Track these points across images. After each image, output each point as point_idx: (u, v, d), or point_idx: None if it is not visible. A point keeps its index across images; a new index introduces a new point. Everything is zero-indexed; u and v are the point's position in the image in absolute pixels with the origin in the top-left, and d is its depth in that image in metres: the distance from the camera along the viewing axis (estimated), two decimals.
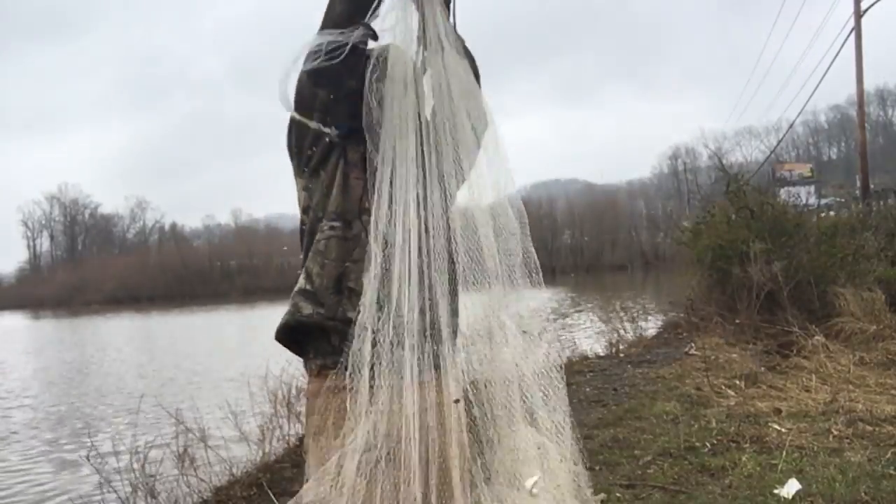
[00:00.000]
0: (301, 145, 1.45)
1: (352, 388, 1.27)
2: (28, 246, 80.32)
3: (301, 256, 1.46)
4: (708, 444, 4.12)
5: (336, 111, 1.43)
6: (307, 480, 1.28)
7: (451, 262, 1.40)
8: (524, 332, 1.45)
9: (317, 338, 1.40)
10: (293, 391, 5.05)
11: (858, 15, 14.64)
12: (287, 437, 4.89)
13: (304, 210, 1.46)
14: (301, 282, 1.42)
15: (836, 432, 4.19)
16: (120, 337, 24.90)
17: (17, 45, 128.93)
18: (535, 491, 1.34)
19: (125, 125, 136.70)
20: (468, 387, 1.39)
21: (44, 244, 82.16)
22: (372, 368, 1.28)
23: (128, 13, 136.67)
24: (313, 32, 1.42)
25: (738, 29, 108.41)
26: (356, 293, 1.35)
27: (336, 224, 1.40)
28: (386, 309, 1.31)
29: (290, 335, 1.42)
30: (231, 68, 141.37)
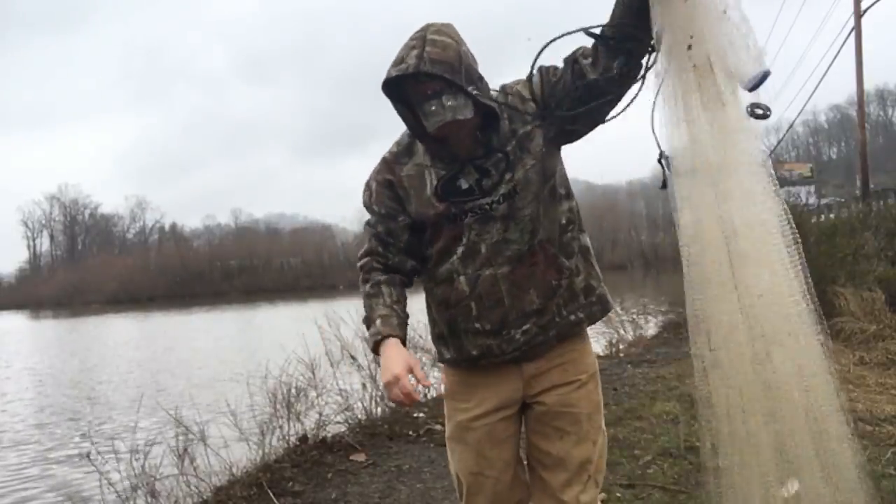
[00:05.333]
0: None
1: None
2: (28, 246, 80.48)
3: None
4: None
5: None
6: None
7: None
8: None
9: None
10: (293, 391, 5.04)
11: (858, 15, 14.63)
12: (287, 437, 4.86)
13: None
14: None
15: None
16: (120, 337, 24.90)
17: (15, 41, 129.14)
18: None
19: (125, 125, 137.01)
20: None
21: (44, 244, 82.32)
22: None
23: (127, 8, 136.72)
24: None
25: None
26: None
27: None
28: None
29: None
30: (233, 65, 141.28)
